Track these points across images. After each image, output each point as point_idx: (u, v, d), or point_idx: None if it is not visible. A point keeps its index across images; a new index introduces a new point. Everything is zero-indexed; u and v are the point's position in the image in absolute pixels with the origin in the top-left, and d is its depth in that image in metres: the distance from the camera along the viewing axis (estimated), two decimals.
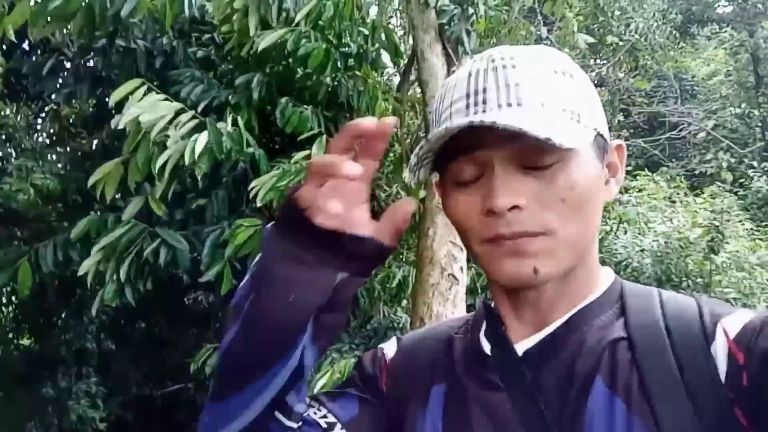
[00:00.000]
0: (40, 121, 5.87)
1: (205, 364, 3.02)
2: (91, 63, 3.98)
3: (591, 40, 4.97)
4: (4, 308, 6.11)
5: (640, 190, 7.23)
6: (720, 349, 0.60)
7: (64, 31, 3.43)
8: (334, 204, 0.60)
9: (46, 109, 5.42)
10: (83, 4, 2.69)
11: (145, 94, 2.63)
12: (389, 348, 0.83)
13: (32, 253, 3.17)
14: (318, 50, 2.92)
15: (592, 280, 0.71)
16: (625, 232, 6.21)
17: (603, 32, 7.17)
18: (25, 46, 4.44)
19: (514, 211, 0.63)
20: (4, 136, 5.55)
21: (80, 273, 2.87)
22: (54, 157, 5.46)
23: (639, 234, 6.19)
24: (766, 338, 0.57)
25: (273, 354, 0.64)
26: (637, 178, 7.64)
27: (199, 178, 2.75)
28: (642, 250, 5.87)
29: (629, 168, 8.12)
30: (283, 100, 3.19)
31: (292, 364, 0.65)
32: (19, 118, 5.88)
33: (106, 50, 3.44)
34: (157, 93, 2.65)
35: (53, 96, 4.33)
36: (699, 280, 5.85)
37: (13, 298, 5.87)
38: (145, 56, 3.39)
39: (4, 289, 5.68)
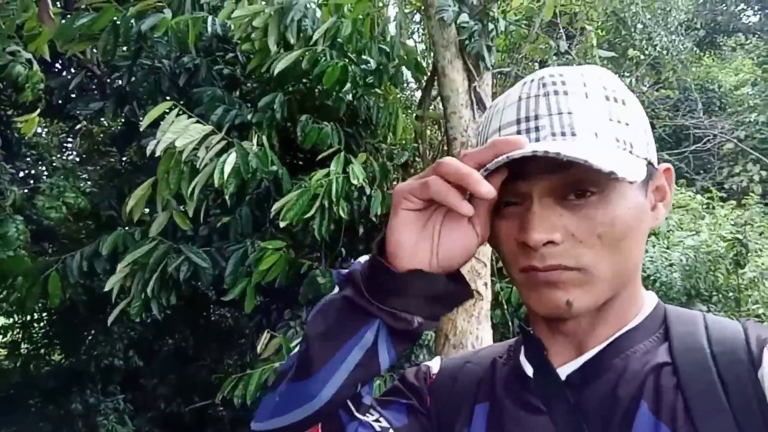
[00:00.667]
0: (71, 139, 6.04)
1: (231, 392, 3.05)
2: (119, 81, 4.08)
3: (611, 54, 4.95)
4: (36, 324, 6.24)
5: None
6: (767, 374, 0.59)
7: (94, 50, 3.53)
8: (466, 205, 0.61)
9: (77, 127, 5.58)
10: (109, 22, 2.77)
11: (177, 116, 2.71)
12: (433, 366, 0.84)
13: (61, 264, 3.24)
14: (333, 68, 2.95)
15: (635, 305, 0.70)
16: (654, 246, 6.11)
17: (625, 46, 7.13)
18: (58, 65, 4.59)
19: (549, 246, 0.62)
20: (36, 155, 5.72)
21: (107, 288, 2.94)
22: (85, 174, 5.61)
23: (667, 248, 6.09)
24: None
25: (348, 328, 0.64)
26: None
27: (227, 197, 2.79)
28: (671, 264, 5.76)
29: None
30: (303, 117, 3.24)
31: (365, 344, 0.64)
32: (50, 137, 6.07)
33: (131, 68, 3.52)
34: (188, 116, 2.72)
35: (82, 114, 4.45)
36: (730, 294, 5.72)
37: (45, 315, 6.00)
38: (169, 74, 3.47)
39: (37, 306, 5.84)
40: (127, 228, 3.19)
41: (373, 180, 3.25)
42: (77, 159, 6.20)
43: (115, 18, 2.81)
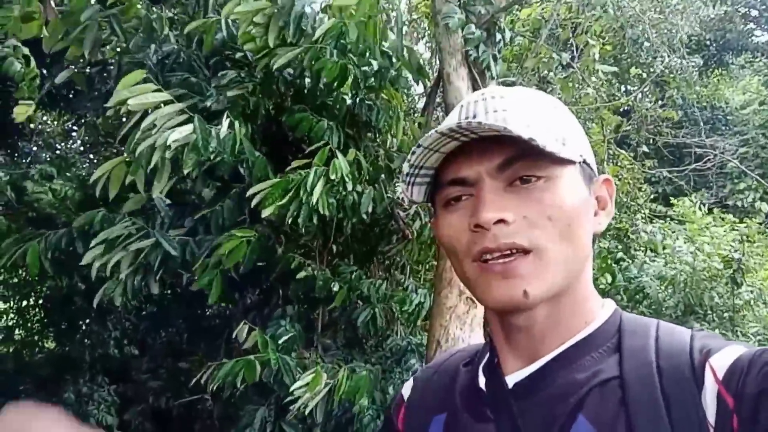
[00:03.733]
0: (76, 128, 6.08)
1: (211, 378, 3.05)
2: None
3: (612, 69, 4.97)
4: (31, 309, 6.26)
5: (666, 218, 7.13)
6: (709, 392, 0.59)
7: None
8: None
9: (82, 120, 5.61)
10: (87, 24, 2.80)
11: (144, 82, 2.66)
12: (406, 387, 0.87)
13: (42, 238, 3.23)
14: (333, 65, 2.95)
15: (586, 311, 0.71)
16: (649, 261, 6.12)
17: (630, 62, 7.15)
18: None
19: (500, 225, 0.64)
20: (41, 143, 5.76)
21: (84, 262, 2.93)
22: (86, 164, 5.64)
23: (654, 261, 6.10)
24: (753, 380, 0.57)
25: None
26: (664, 207, 7.55)
27: (185, 173, 2.73)
28: (663, 280, 5.77)
29: (655, 196, 8.04)
30: (297, 107, 3.23)
31: None
32: (56, 125, 6.11)
33: (119, 64, 3.52)
34: (154, 83, 2.68)
35: (79, 108, 4.46)
36: (725, 314, 5.72)
37: (41, 301, 6.03)
38: (155, 67, 3.45)
39: (32, 292, 5.86)
40: (105, 209, 3.16)
41: (362, 177, 3.23)
42: (81, 148, 6.23)
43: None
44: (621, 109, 7.32)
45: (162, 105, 2.66)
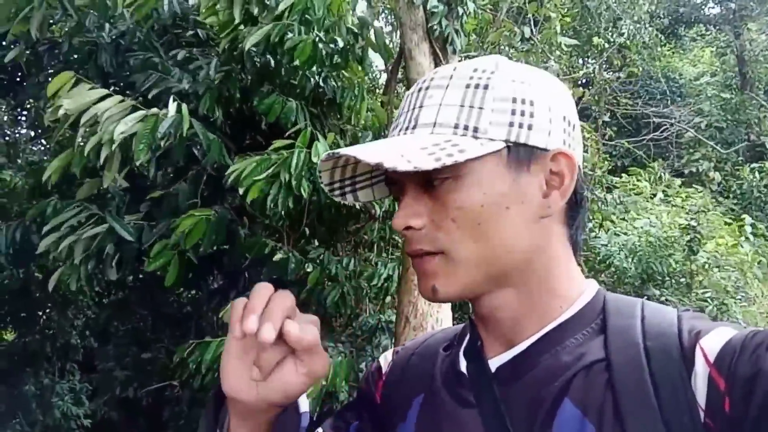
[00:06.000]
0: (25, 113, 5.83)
1: (186, 360, 2.99)
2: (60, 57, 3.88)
3: (573, 42, 5.01)
4: None
5: (620, 188, 7.30)
6: (700, 374, 0.58)
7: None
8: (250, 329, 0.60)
9: (31, 105, 5.38)
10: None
11: (75, 84, 2.59)
12: (385, 361, 0.85)
13: None
14: (305, 44, 2.89)
15: (561, 294, 0.69)
16: (607, 231, 6.25)
17: (590, 33, 7.22)
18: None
19: (410, 231, 0.66)
20: None
21: (39, 251, 2.86)
22: (38, 149, 5.44)
23: (623, 233, 6.24)
24: (746, 362, 0.55)
25: None
26: (623, 176, 7.72)
27: (137, 164, 2.66)
28: (623, 249, 5.91)
29: (613, 167, 8.20)
30: (265, 89, 3.17)
31: None
32: (3, 112, 5.84)
33: (70, 43, 3.38)
34: (91, 86, 2.61)
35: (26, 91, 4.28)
36: (682, 279, 5.92)
37: None
38: (108, 46, 3.33)
39: None
40: (59, 197, 3.07)
41: None
42: (31, 133, 5.99)
43: None
44: (581, 81, 7.40)
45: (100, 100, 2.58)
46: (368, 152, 0.62)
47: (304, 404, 0.72)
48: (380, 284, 3.94)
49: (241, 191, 2.77)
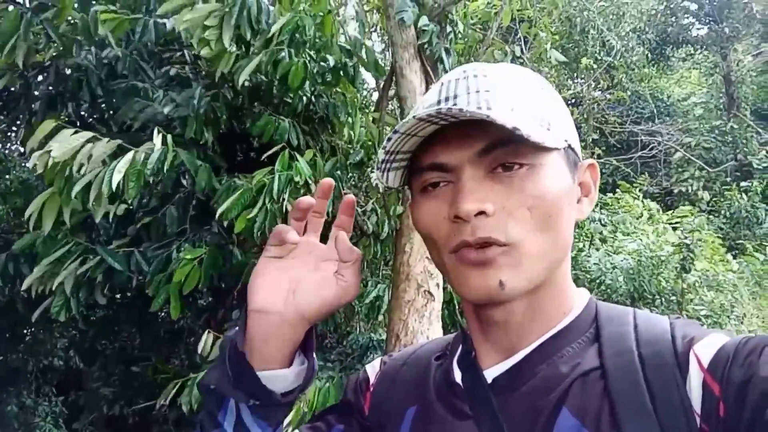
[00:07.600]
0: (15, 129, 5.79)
1: (176, 395, 2.96)
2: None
3: (563, 59, 5.06)
4: None
5: (610, 207, 7.33)
6: (694, 379, 0.58)
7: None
8: (292, 236, 0.68)
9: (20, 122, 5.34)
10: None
11: (59, 130, 2.59)
12: (372, 371, 0.83)
13: None
14: (297, 67, 2.90)
15: (564, 302, 0.69)
16: (598, 249, 6.27)
17: (578, 52, 7.31)
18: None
19: (480, 217, 0.61)
20: None
21: (23, 288, 2.85)
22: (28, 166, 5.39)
23: (613, 252, 6.26)
24: (740, 368, 0.56)
25: (211, 412, 0.69)
26: (611, 194, 7.77)
27: (129, 202, 2.71)
28: (614, 268, 5.93)
29: (602, 185, 8.27)
30: (256, 109, 3.16)
31: (231, 421, 0.68)
32: None
33: (57, 67, 3.38)
34: (75, 130, 2.61)
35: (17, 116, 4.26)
36: (672, 297, 5.93)
37: None
38: (96, 71, 3.32)
39: None
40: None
41: (317, 175, 3.20)
42: (21, 149, 5.94)
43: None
44: (570, 101, 7.47)
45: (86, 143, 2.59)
46: (498, 113, 0.59)
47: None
48: (372, 303, 3.91)
49: (225, 223, 2.79)
